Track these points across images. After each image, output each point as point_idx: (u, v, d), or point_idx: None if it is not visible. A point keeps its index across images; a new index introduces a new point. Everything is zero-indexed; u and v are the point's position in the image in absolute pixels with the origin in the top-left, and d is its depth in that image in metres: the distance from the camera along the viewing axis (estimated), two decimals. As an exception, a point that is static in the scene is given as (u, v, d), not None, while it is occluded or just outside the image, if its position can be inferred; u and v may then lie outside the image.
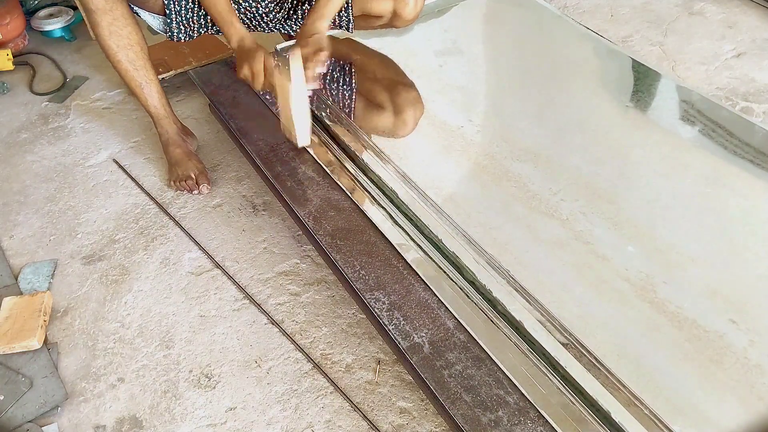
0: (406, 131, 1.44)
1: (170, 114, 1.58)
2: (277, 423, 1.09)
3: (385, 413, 1.09)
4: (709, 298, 1.04)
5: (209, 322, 1.27)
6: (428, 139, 1.42)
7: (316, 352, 1.19)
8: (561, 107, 1.53)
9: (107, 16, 1.35)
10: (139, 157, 1.70)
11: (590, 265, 1.11)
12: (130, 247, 1.44)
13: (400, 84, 1.57)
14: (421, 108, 1.48)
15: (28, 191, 1.63)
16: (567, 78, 1.63)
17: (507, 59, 1.75)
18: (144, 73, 1.47)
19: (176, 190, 1.58)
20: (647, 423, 0.86)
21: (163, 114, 1.56)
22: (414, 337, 1.01)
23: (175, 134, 1.59)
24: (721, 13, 2.03)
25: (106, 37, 1.39)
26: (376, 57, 1.69)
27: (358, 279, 1.11)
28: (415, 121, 1.45)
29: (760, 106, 1.68)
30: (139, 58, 1.45)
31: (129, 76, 1.46)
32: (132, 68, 1.45)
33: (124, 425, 1.11)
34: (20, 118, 1.89)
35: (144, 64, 1.46)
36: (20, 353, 1.20)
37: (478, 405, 0.91)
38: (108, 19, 1.36)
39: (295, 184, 1.32)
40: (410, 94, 1.52)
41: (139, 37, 1.44)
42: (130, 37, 1.41)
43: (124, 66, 1.44)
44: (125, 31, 1.39)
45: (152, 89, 1.51)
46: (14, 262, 1.43)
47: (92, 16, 1.36)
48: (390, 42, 1.76)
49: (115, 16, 1.36)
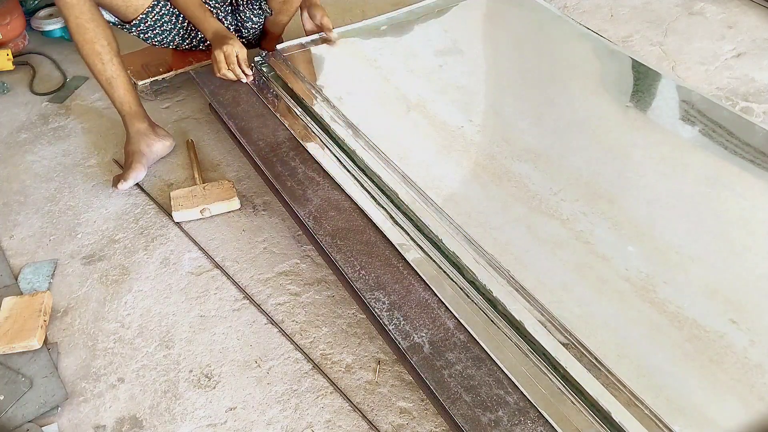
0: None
1: (140, 113, 1.57)
2: (277, 423, 1.09)
3: (385, 413, 1.09)
4: (709, 297, 1.04)
5: (209, 322, 1.27)
6: (428, 139, 1.42)
7: (316, 352, 1.19)
8: (561, 107, 1.53)
9: (74, 10, 1.39)
10: (139, 157, 1.70)
11: (590, 265, 1.11)
12: (130, 247, 1.44)
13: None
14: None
15: (28, 191, 1.63)
16: (567, 78, 1.63)
17: (507, 59, 1.75)
18: (111, 67, 1.48)
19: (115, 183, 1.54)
20: (648, 423, 0.86)
21: (132, 112, 1.54)
22: (414, 337, 1.01)
23: (146, 131, 1.57)
24: (721, 13, 2.03)
25: (74, 32, 1.43)
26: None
27: (358, 279, 1.11)
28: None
29: (760, 106, 1.67)
30: (106, 52, 1.46)
31: (96, 70, 1.48)
32: (99, 62, 1.46)
33: (124, 425, 1.11)
34: (20, 118, 1.89)
35: (111, 59, 1.47)
36: (20, 353, 1.20)
37: (478, 405, 0.91)
38: (75, 13, 1.40)
39: (295, 184, 1.32)
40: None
41: (107, 33, 1.46)
42: (96, 31, 1.43)
43: (92, 59, 1.46)
44: (91, 25, 1.42)
45: (119, 84, 1.51)
46: (14, 262, 1.43)
47: (62, 12, 1.41)
48: (390, 42, 1.76)
49: (82, 11, 1.40)
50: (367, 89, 1.60)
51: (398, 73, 1.64)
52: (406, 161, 1.32)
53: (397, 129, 1.46)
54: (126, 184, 1.52)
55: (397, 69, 1.65)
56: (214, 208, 1.48)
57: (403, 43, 1.76)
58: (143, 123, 1.57)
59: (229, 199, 1.49)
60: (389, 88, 1.59)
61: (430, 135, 1.43)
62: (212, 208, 1.48)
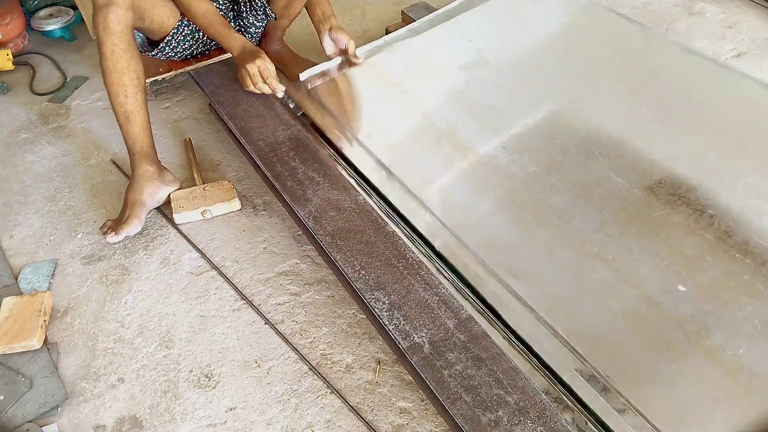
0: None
1: (151, 155, 1.48)
2: (277, 423, 1.09)
3: (385, 413, 1.09)
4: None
5: (209, 322, 1.27)
6: (462, 174, 1.35)
7: (316, 352, 1.19)
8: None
9: (114, 37, 1.35)
10: (139, 157, 1.70)
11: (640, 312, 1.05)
12: (130, 247, 1.44)
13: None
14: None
15: (28, 191, 1.63)
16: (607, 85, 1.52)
17: (539, 67, 1.61)
18: (133, 101, 1.41)
19: (108, 232, 1.43)
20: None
21: (143, 152, 1.46)
22: (414, 337, 1.01)
23: (153, 174, 1.47)
24: (721, 13, 2.03)
25: (107, 58, 1.37)
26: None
27: (358, 279, 1.11)
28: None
29: (760, 106, 1.67)
30: (132, 85, 1.40)
31: (118, 102, 1.41)
32: (123, 94, 1.40)
33: (124, 425, 1.11)
34: (20, 118, 1.89)
35: (135, 93, 1.41)
36: (20, 353, 1.20)
37: (478, 405, 0.91)
38: (114, 40, 1.35)
39: (295, 184, 1.32)
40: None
41: (138, 66, 1.41)
42: (130, 62, 1.39)
43: (116, 89, 1.39)
44: (126, 55, 1.38)
45: (137, 120, 1.43)
46: (14, 262, 1.43)
47: (99, 37, 1.36)
48: (413, 59, 1.71)
49: (121, 38, 1.36)
50: (394, 120, 1.53)
51: (425, 97, 1.57)
52: (442, 204, 1.26)
53: (429, 164, 1.40)
54: (116, 238, 1.41)
55: (424, 92, 1.58)
56: (214, 209, 1.48)
57: (428, 60, 1.67)
58: (152, 166, 1.47)
59: (230, 200, 1.49)
60: (417, 116, 1.52)
61: (463, 168, 1.36)
62: (213, 210, 1.48)
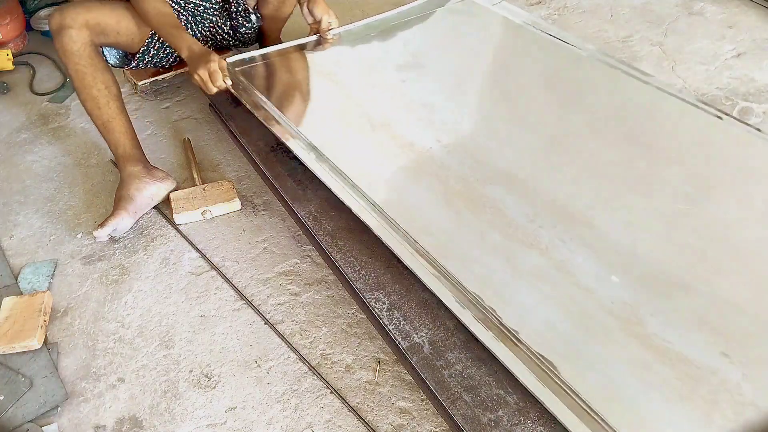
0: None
1: (135, 155, 1.49)
2: (277, 423, 1.09)
3: (385, 413, 1.09)
4: (697, 330, 0.97)
5: (209, 322, 1.27)
6: (396, 163, 1.34)
7: (316, 352, 1.19)
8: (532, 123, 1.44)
9: (74, 57, 1.40)
10: (139, 157, 1.70)
11: (574, 298, 1.04)
12: (130, 247, 1.44)
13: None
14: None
15: (28, 191, 1.63)
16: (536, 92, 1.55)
17: (473, 74, 1.67)
18: (108, 111, 1.46)
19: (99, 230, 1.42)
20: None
21: (126, 155, 1.48)
22: (414, 337, 1.01)
23: (139, 173, 1.48)
24: (721, 13, 2.03)
25: (73, 77, 1.43)
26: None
27: (358, 279, 1.11)
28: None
29: (760, 106, 1.67)
30: (102, 96, 1.44)
31: (93, 114, 1.46)
32: (96, 106, 1.45)
33: (124, 425, 1.11)
34: (20, 118, 1.89)
35: (108, 102, 1.45)
36: (20, 353, 1.20)
37: (478, 405, 0.91)
38: (74, 59, 1.40)
39: (295, 184, 1.32)
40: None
41: (105, 77, 1.45)
42: (95, 75, 1.43)
43: (89, 104, 1.45)
44: (89, 69, 1.42)
45: (115, 126, 1.47)
46: (14, 262, 1.43)
47: (62, 59, 1.42)
48: (350, 54, 1.73)
49: (81, 56, 1.40)
50: (326, 107, 1.52)
51: (360, 89, 1.58)
52: (375, 188, 1.24)
53: (363, 151, 1.39)
54: (101, 231, 1.39)
55: (358, 84, 1.59)
56: (215, 209, 1.48)
57: (365, 57, 1.70)
58: (137, 166, 1.48)
59: (230, 201, 1.49)
60: (351, 105, 1.52)
61: (398, 157, 1.35)
62: (213, 210, 1.48)
